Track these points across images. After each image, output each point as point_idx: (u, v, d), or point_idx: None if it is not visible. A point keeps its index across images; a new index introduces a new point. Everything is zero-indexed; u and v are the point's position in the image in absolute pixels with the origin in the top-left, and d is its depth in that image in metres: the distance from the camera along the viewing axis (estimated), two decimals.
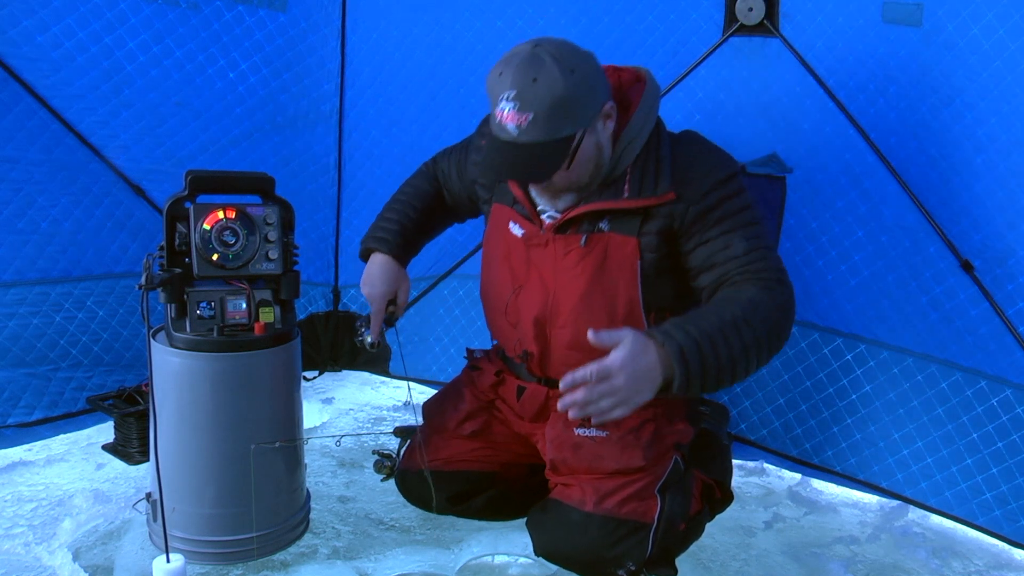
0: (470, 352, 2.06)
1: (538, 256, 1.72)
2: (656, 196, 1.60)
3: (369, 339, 1.92)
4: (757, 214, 1.63)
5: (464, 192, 1.98)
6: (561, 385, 1.40)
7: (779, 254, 1.66)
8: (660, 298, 1.68)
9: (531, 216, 1.73)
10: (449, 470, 1.91)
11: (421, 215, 1.99)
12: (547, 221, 1.71)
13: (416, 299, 2.72)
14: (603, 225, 1.65)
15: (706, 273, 1.62)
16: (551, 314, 1.72)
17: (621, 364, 1.36)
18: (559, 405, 1.41)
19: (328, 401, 2.78)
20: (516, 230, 1.76)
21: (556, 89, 1.48)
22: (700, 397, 1.93)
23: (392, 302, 1.93)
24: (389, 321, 1.95)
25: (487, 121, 1.81)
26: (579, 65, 1.52)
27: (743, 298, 1.52)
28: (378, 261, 1.92)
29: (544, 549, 1.73)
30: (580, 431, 1.72)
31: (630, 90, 1.67)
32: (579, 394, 1.37)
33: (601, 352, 1.54)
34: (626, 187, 1.63)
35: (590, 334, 1.39)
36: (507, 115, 1.51)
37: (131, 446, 2.20)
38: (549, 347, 1.76)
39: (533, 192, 1.71)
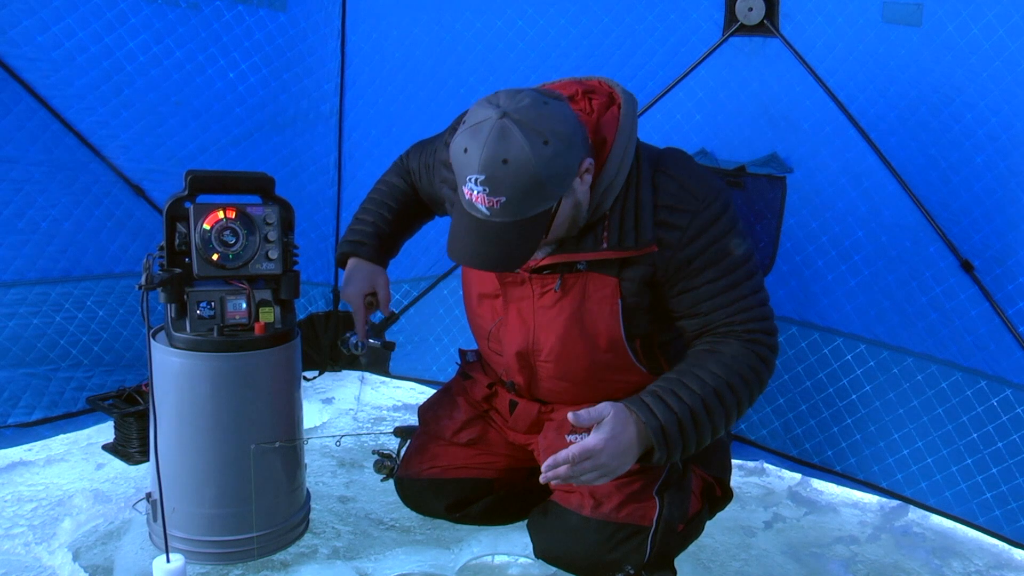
0: (462, 354, 2.04)
1: (515, 293, 1.68)
2: (637, 248, 1.52)
3: (353, 339, 1.89)
4: (745, 251, 1.56)
5: (434, 192, 1.91)
6: (543, 467, 1.43)
7: (767, 292, 1.60)
8: (644, 327, 1.65)
9: None
10: (447, 477, 1.90)
11: (396, 215, 1.95)
12: None
13: (416, 299, 2.72)
14: (581, 265, 1.59)
15: (689, 320, 1.59)
16: (534, 349, 1.70)
17: (603, 445, 1.41)
18: (541, 479, 1.44)
19: (328, 401, 2.78)
20: None
21: (529, 169, 1.36)
22: None
23: (372, 295, 1.89)
24: (381, 326, 1.93)
25: (461, 119, 1.70)
26: (553, 131, 1.38)
27: (726, 357, 1.51)
28: (352, 264, 1.91)
29: (544, 552, 1.73)
30: (570, 437, 1.70)
31: (604, 120, 1.53)
32: (561, 471, 1.41)
33: (588, 382, 1.59)
34: (604, 235, 1.54)
35: (569, 415, 1.41)
36: (476, 196, 1.39)
37: (131, 446, 2.20)
38: (535, 377, 1.75)
39: None
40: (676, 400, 1.46)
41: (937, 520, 2.09)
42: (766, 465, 2.35)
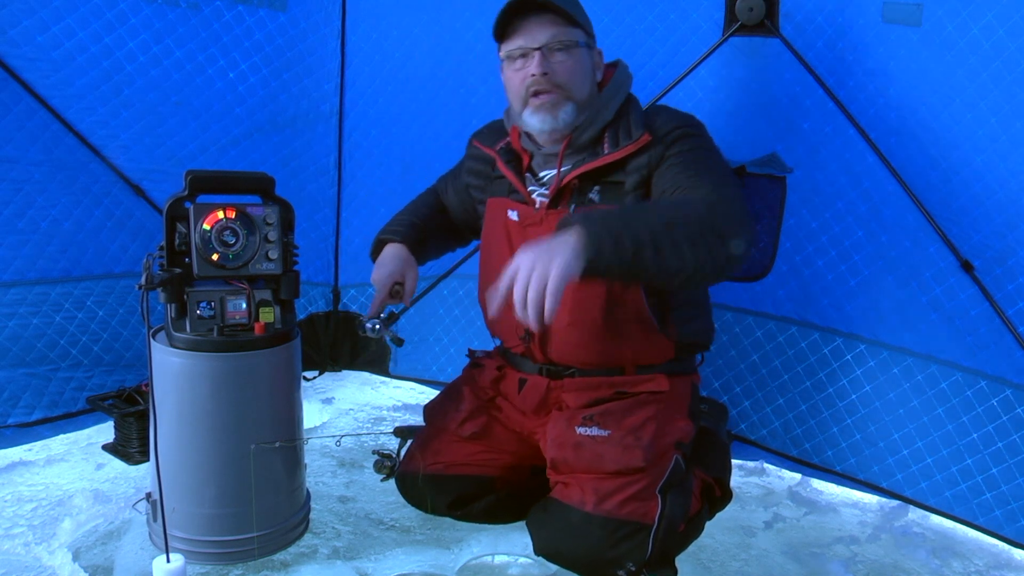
0: (471, 352, 2.06)
1: (535, 235, 1.74)
2: (632, 142, 1.68)
3: (369, 323, 1.84)
4: (718, 154, 1.71)
5: (461, 207, 2.05)
6: (492, 302, 1.38)
7: (738, 186, 1.71)
8: None
9: (525, 198, 1.79)
10: (450, 474, 1.91)
11: (429, 219, 2.05)
12: (539, 200, 1.77)
13: (416, 299, 2.72)
14: (593, 196, 1.71)
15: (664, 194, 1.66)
16: None
17: (520, 257, 1.36)
18: (491, 305, 1.39)
19: (328, 401, 2.78)
20: (513, 216, 1.81)
21: None
22: (700, 396, 1.94)
23: (399, 284, 1.90)
24: (389, 318, 1.93)
25: (474, 139, 1.96)
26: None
27: (665, 200, 1.63)
28: (389, 249, 1.94)
29: (544, 549, 1.72)
30: (581, 430, 1.73)
31: (605, 70, 1.81)
32: (516, 293, 1.34)
33: (600, 329, 1.70)
34: (605, 146, 1.72)
35: (489, 292, 1.39)
36: None
37: (131, 446, 2.20)
38: (549, 329, 1.77)
39: (531, 117, 1.73)
40: (603, 208, 1.63)
41: (937, 520, 2.09)
42: (766, 465, 2.35)
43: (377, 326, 1.86)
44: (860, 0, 1.94)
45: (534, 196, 1.79)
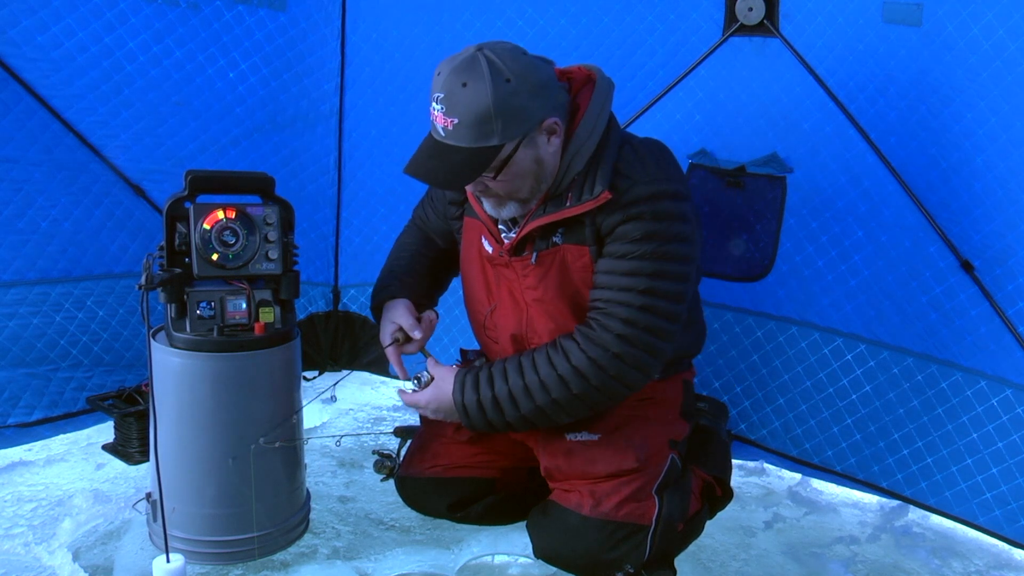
0: (464, 354, 2.04)
1: (504, 275, 1.72)
2: (593, 199, 1.55)
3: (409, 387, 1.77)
4: (673, 250, 1.55)
5: (444, 225, 1.92)
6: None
7: (673, 315, 1.58)
8: None
9: (494, 234, 1.71)
10: (449, 476, 1.90)
11: (413, 264, 1.93)
12: (506, 240, 1.69)
13: None
14: (556, 239, 1.63)
15: (592, 289, 1.61)
16: (527, 331, 1.72)
17: (426, 401, 1.70)
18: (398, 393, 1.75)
19: (328, 401, 2.77)
20: (487, 246, 1.74)
21: (482, 98, 1.45)
22: (697, 393, 1.93)
23: (400, 330, 1.80)
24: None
25: None
26: (520, 74, 1.47)
27: (559, 356, 1.58)
28: (384, 311, 1.85)
29: (543, 552, 1.73)
30: (570, 436, 1.72)
31: (579, 95, 1.60)
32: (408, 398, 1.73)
33: None
34: (569, 196, 1.59)
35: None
36: (436, 116, 1.51)
37: (131, 446, 2.19)
38: None
39: (477, 194, 1.66)
40: (487, 386, 1.62)
41: (937, 520, 2.09)
42: (766, 465, 2.35)
43: (424, 376, 1.74)
44: (860, 0, 1.94)
45: (503, 236, 1.71)
